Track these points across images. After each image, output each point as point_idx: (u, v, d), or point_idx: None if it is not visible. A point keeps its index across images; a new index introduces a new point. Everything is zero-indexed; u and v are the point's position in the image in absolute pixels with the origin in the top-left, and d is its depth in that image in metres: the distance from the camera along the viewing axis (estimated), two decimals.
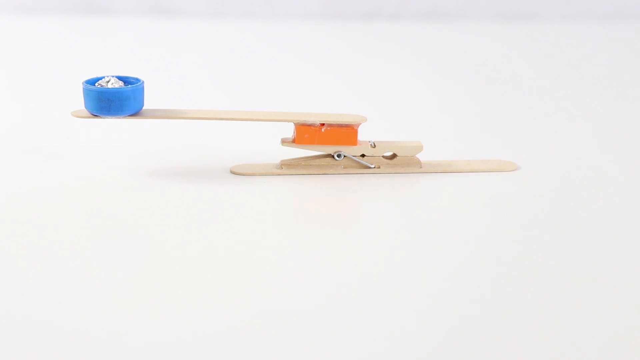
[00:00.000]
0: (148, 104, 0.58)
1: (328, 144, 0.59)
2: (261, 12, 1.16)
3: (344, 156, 0.60)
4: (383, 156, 0.60)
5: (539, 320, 0.42)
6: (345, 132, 0.59)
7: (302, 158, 0.60)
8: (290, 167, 0.60)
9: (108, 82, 0.57)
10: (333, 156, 0.60)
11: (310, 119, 0.59)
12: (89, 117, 0.57)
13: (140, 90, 0.57)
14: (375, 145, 0.60)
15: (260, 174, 0.60)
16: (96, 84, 0.57)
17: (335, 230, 0.51)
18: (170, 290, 0.44)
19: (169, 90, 0.83)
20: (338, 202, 0.57)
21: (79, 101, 0.58)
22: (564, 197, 0.57)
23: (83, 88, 0.57)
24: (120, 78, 0.57)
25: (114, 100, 0.56)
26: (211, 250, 0.49)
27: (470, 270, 0.47)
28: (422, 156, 0.60)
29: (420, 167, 0.60)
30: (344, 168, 0.60)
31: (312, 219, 0.53)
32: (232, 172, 0.60)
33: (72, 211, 0.54)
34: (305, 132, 0.59)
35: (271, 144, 0.61)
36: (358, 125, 0.59)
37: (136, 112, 0.57)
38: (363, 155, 0.60)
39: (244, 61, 0.96)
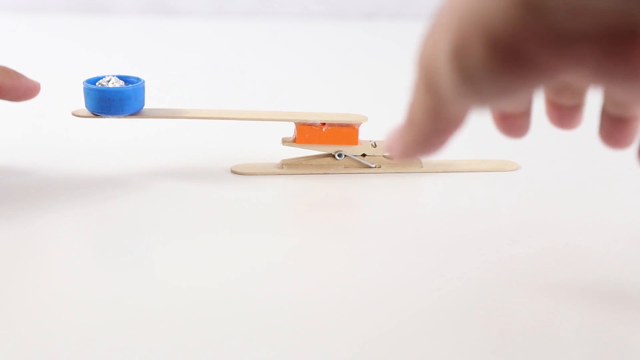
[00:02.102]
0: (148, 104, 0.58)
1: (329, 143, 0.59)
2: (261, 12, 1.16)
3: (345, 156, 0.60)
4: (384, 156, 0.60)
5: (538, 320, 0.42)
6: (346, 131, 0.59)
7: (303, 157, 0.60)
8: (291, 166, 0.60)
9: (109, 81, 0.57)
10: (334, 156, 0.60)
11: (311, 119, 0.59)
12: (90, 117, 0.57)
13: (141, 90, 0.57)
14: (376, 145, 0.60)
15: (261, 174, 0.60)
16: (97, 84, 0.57)
17: (336, 229, 0.51)
18: (169, 289, 0.44)
19: (169, 89, 0.83)
20: (339, 202, 0.56)
21: (79, 101, 0.58)
22: (565, 197, 0.56)
23: (84, 87, 0.57)
24: (121, 77, 0.57)
25: (114, 99, 0.56)
26: (211, 250, 0.49)
27: (470, 270, 0.47)
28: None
29: (421, 167, 0.60)
30: (344, 168, 0.60)
31: (312, 218, 0.53)
32: (233, 172, 0.60)
33: (71, 210, 0.54)
34: (306, 132, 0.59)
35: (272, 143, 0.61)
36: (359, 124, 0.59)
37: (137, 112, 0.57)
38: (364, 155, 0.60)
39: (244, 61, 0.96)
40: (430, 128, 0.40)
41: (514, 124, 0.48)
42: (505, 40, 0.33)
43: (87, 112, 0.57)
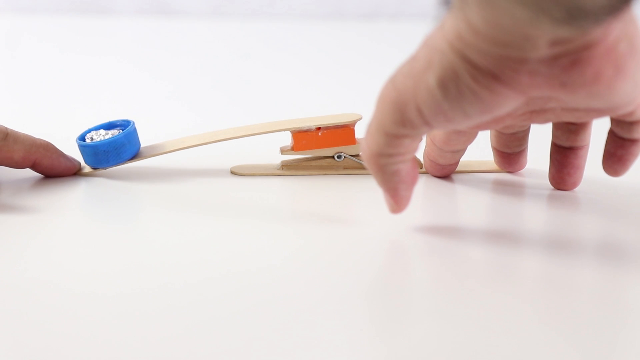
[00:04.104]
0: (147, 104, 0.58)
1: (327, 146, 0.59)
2: (261, 12, 1.16)
3: (344, 157, 0.60)
4: None
5: (536, 321, 0.42)
6: (342, 132, 0.59)
7: (303, 159, 0.60)
8: (290, 167, 0.60)
9: (98, 134, 0.58)
10: (333, 157, 0.60)
11: (305, 125, 0.59)
12: (93, 173, 0.58)
13: (133, 133, 0.58)
14: None
15: (261, 175, 0.60)
16: (87, 136, 0.58)
17: (335, 230, 0.51)
18: (169, 289, 0.44)
19: (169, 89, 0.83)
20: (338, 203, 0.56)
21: (79, 101, 0.58)
22: (564, 197, 0.56)
23: (78, 145, 0.58)
24: (110, 124, 0.58)
25: (109, 151, 0.57)
26: (210, 251, 0.49)
27: (470, 270, 0.47)
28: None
29: (421, 168, 0.60)
30: (344, 169, 0.60)
31: (312, 219, 0.53)
32: (233, 173, 0.60)
33: (69, 210, 0.54)
34: (303, 139, 0.59)
35: (271, 144, 0.61)
36: (354, 123, 0.59)
37: (135, 154, 0.58)
38: None
39: (243, 61, 0.96)
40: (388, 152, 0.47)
41: (511, 160, 0.58)
42: (485, 67, 0.43)
43: (89, 167, 0.58)
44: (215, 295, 0.44)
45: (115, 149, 0.57)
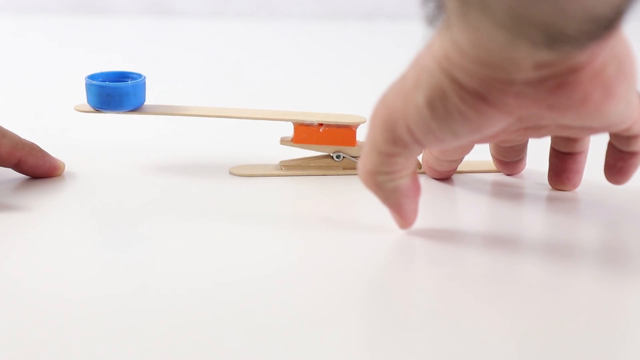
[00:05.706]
0: (147, 104, 0.58)
1: (326, 144, 0.59)
2: (260, 13, 1.16)
3: (344, 157, 0.59)
4: None
5: (534, 321, 0.42)
6: (343, 132, 0.59)
7: (302, 159, 0.60)
8: (289, 168, 0.60)
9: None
10: (332, 157, 0.60)
11: (308, 119, 0.59)
12: (91, 112, 0.58)
13: (141, 86, 0.58)
14: None
15: (260, 175, 0.59)
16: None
17: (334, 231, 0.51)
18: (166, 290, 0.44)
19: (168, 90, 0.83)
20: (337, 203, 0.56)
21: (78, 101, 0.58)
22: (564, 198, 0.56)
23: (85, 82, 0.57)
24: (123, 74, 0.58)
25: (113, 95, 0.57)
26: (209, 252, 0.49)
27: (469, 271, 0.47)
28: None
29: (420, 168, 0.60)
30: (343, 169, 0.60)
31: (311, 219, 0.53)
32: (232, 173, 0.60)
33: (69, 207, 0.54)
34: (304, 132, 0.59)
35: (270, 144, 0.61)
36: (357, 126, 0.59)
37: (137, 108, 0.58)
38: None
39: (243, 61, 0.96)
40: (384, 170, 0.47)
41: (510, 167, 0.59)
42: (471, 88, 0.43)
43: (88, 107, 0.58)
44: (212, 296, 0.43)
45: (119, 95, 0.57)
